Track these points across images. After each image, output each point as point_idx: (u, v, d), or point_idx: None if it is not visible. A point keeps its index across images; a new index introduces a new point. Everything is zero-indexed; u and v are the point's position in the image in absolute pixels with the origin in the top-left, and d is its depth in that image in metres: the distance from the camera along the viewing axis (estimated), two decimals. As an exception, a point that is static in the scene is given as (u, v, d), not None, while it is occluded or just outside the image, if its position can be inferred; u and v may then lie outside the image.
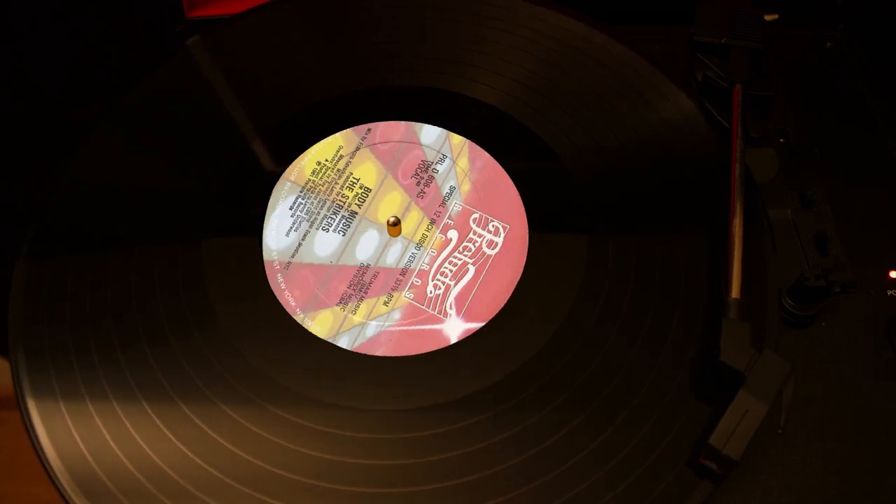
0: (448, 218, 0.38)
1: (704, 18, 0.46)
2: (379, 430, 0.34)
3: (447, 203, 0.38)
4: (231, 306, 0.37)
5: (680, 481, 0.33)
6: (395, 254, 0.38)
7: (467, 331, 0.36)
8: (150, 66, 0.46)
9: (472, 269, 0.36)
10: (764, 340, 0.35)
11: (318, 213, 0.38)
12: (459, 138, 0.39)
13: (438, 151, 0.38)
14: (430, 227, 0.38)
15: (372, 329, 0.36)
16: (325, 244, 0.38)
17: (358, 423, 0.34)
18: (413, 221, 0.39)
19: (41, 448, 0.34)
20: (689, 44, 0.45)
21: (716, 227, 0.39)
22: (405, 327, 0.36)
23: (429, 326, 0.36)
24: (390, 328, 0.36)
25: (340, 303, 0.37)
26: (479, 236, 0.37)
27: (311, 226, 0.38)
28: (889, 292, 0.40)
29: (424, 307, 0.36)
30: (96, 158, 0.42)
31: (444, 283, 0.37)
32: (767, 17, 0.50)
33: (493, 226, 0.37)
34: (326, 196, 0.39)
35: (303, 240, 0.38)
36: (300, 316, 0.37)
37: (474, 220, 0.37)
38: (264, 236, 0.38)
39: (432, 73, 0.45)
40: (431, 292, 0.37)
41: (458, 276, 0.37)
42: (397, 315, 0.37)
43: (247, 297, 0.38)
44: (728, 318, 0.34)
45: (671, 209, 0.40)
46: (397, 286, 0.37)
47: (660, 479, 0.33)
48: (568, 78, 0.44)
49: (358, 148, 0.39)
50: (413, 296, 0.37)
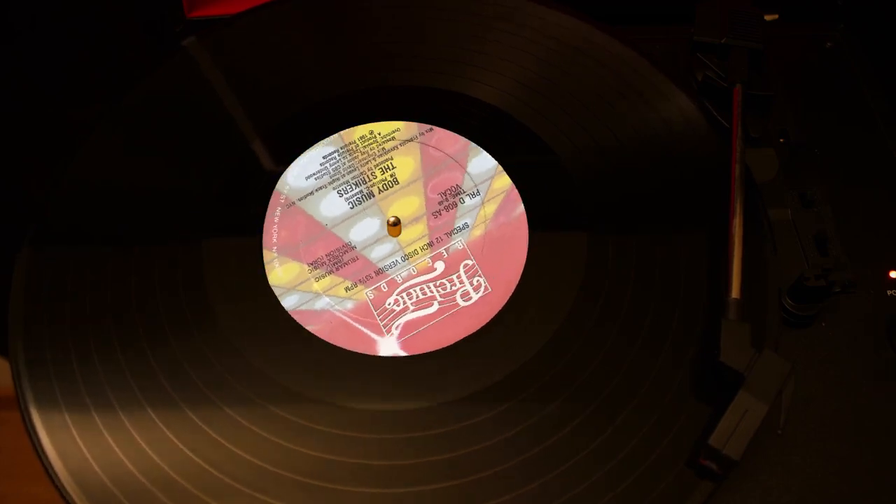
0: (445, 249, 0.37)
1: (704, 18, 0.46)
2: (378, 430, 0.34)
3: (453, 236, 0.38)
4: (231, 306, 0.37)
5: (680, 481, 0.33)
6: (382, 251, 0.38)
7: (396, 355, 0.35)
8: (150, 66, 0.46)
9: (435, 306, 0.36)
10: (764, 340, 0.35)
11: (343, 175, 0.39)
12: (504, 183, 0.38)
13: (476, 185, 0.38)
14: (425, 247, 0.38)
15: (321, 304, 0.36)
16: (331, 206, 0.39)
17: (358, 424, 0.34)
18: (414, 233, 0.39)
19: (41, 448, 0.34)
20: (689, 44, 0.46)
21: (716, 227, 0.39)
22: (349, 320, 0.36)
23: (368, 332, 0.36)
24: (336, 312, 0.36)
25: (312, 265, 0.37)
26: (461, 283, 0.36)
27: (330, 182, 0.38)
28: (889, 292, 0.40)
29: (376, 313, 0.36)
30: (96, 158, 0.42)
31: (404, 303, 0.37)
32: (767, 17, 0.50)
33: (477, 280, 0.36)
34: (359, 165, 0.38)
35: (316, 191, 0.38)
36: (273, 254, 0.37)
37: (465, 265, 0.37)
38: (289, 169, 0.39)
39: (432, 73, 0.45)
40: (390, 304, 0.36)
41: (420, 304, 0.37)
42: (349, 305, 0.36)
43: (247, 297, 0.38)
44: (728, 318, 0.34)
45: (671, 209, 0.40)
46: (365, 280, 0.37)
47: (660, 479, 0.33)
48: (568, 78, 0.44)
49: (411, 140, 0.39)
50: (373, 297, 0.37)
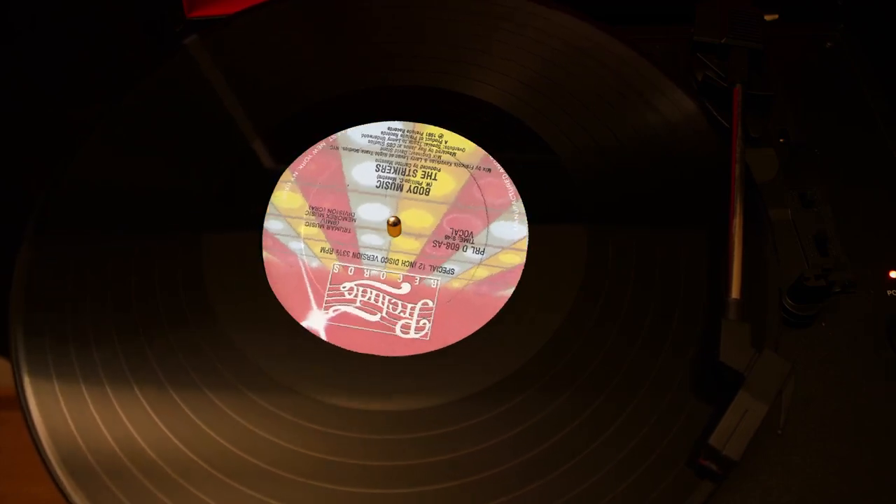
0: (420, 278, 0.37)
1: (704, 18, 0.46)
2: (378, 430, 0.34)
3: (434, 272, 0.37)
4: (231, 306, 0.37)
5: (680, 481, 0.33)
6: (371, 240, 0.39)
7: (311, 329, 0.36)
8: (150, 66, 0.46)
9: (377, 317, 0.36)
10: (764, 340, 0.35)
11: (392, 155, 0.39)
12: (511, 260, 0.37)
13: (486, 245, 0.37)
14: (406, 263, 0.38)
15: (296, 246, 0.38)
16: (363, 173, 0.39)
17: (358, 424, 0.34)
18: (407, 245, 0.39)
19: (42, 447, 0.34)
20: (689, 44, 0.45)
21: (716, 227, 0.39)
22: (305, 276, 0.37)
23: (310, 295, 0.37)
24: (300, 262, 0.37)
25: (312, 209, 0.39)
26: (409, 315, 0.36)
27: (378, 153, 0.38)
28: (889, 292, 0.40)
29: (329, 286, 0.37)
30: (96, 158, 0.42)
31: (355, 295, 0.37)
32: (767, 17, 0.50)
33: (424, 323, 0.36)
34: (410, 156, 0.38)
35: (362, 152, 0.39)
36: (291, 178, 0.38)
37: (424, 304, 0.36)
38: (357, 128, 0.39)
39: (432, 73, 0.45)
40: (345, 287, 0.37)
41: (366, 306, 0.37)
42: (314, 264, 0.37)
43: (247, 296, 0.38)
44: (728, 318, 0.34)
45: (671, 209, 0.40)
46: (342, 254, 0.38)
47: (660, 479, 0.33)
48: (568, 78, 0.44)
49: (466, 166, 0.38)
50: (336, 272, 0.37)
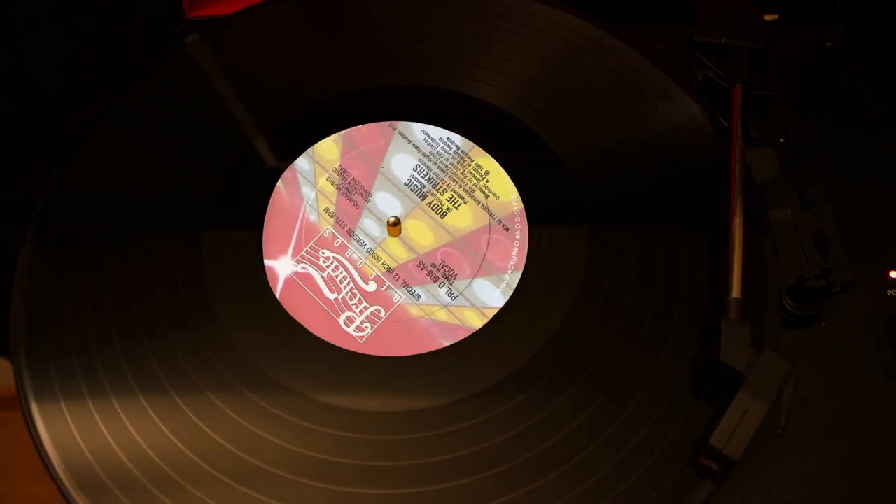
0: (388, 287, 0.38)
1: (704, 18, 0.46)
2: (378, 430, 0.34)
3: (401, 290, 0.38)
4: (231, 306, 0.37)
5: (680, 481, 0.33)
6: (370, 227, 0.40)
7: (274, 272, 0.39)
8: (150, 66, 0.46)
9: (332, 296, 0.38)
10: (764, 340, 0.35)
11: (434, 164, 0.40)
12: (474, 320, 0.37)
13: (462, 294, 0.38)
14: (385, 266, 0.39)
15: (308, 193, 0.41)
16: (401, 164, 0.40)
17: (357, 424, 0.34)
18: (396, 251, 0.39)
19: (42, 447, 0.34)
20: (689, 44, 0.46)
21: (716, 227, 0.39)
22: (298, 225, 0.40)
23: (291, 245, 0.40)
24: (303, 211, 0.40)
25: (339, 169, 0.41)
26: (359, 313, 0.38)
27: (424, 156, 0.39)
28: (889, 292, 0.41)
29: (312, 244, 0.40)
30: (96, 158, 0.42)
31: (328, 267, 0.39)
32: (767, 17, 0.50)
33: (367, 325, 0.37)
34: (450, 175, 0.39)
35: (412, 145, 0.40)
36: (341, 135, 0.41)
37: (377, 310, 0.38)
38: (421, 124, 0.40)
39: (432, 73, 0.45)
40: (324, 254, 0.39)
41: (330, 282, 0.39)
42: (313, 217, 0.41)
43: (247, 296, 0.38)
44: (728, 318, 0.34)
45: (671, 209, 0.40)
46: (340, 224, 0.40)
47: (660, 479, 0.33)
48: (568, 77, 0.44)
49: (490, 213, 0.39)
50: (326, 236, 0.40)
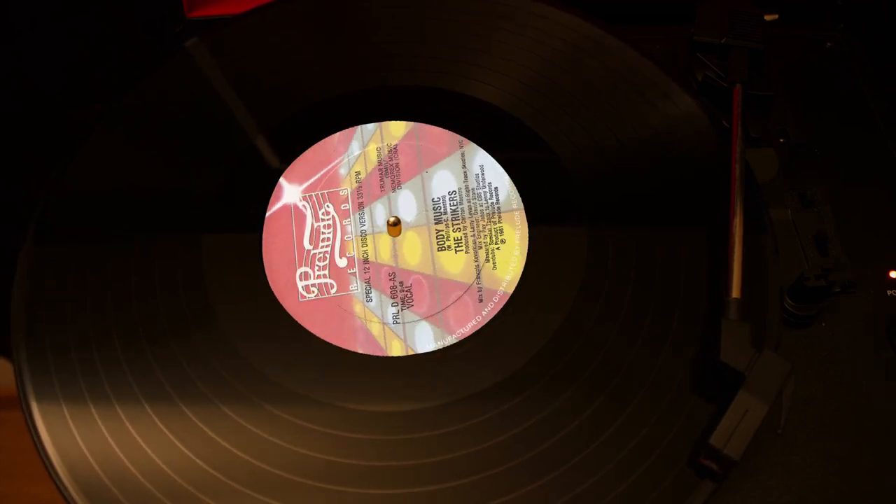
0: (350, 274, 0.39)
1: (704, 18, 0.46)
2: (378, 431, 0.34)
3: (361, 284, 0.39)
4: (231, 306, 0.38)
5: (680, 481, 0.33)
6: (378, 211, 0.42)
7: (285, 189, 0.42)
8: (150, 66, 0.46)
9: (307, 242, 0.40)
10: (764, 340, 0.35)
11: (469, 201, 0.41)
12: (396, 352, 0.38)
13: (403, 324, 0.38)
14: (364, 255, 0.40)
15: (354, 148, 0.43)
16: (442, 181, 0.42)
17: (357, 424, 0.34)
18: (382, 250, 0.40)
19: (43, 447, 0.34)
20: (689, 44, 0.46)
21: (716, 227, 0.39)
22: (331, 170, 0.42)
23: (316, 177, 0.42)
24: (342, 161, 0.43)
25: (394, 148, 0.43)
26: (317, 271, 0.39)
27: (466, 188, 0.41)
28: (889, 292, 0.40)
29: (329, 189, 0.42)
30: (96, 158, 0.42)
31: (324, 212, 0.41)
32: (767, 17, 0.50)
33: (314, 290, 0.39)
34: (471, 221, 0.41)
35: (464, 169, 0.42)
36: (401, 122, 0.43)
37: (329, 283, 0.39)
38: (487, 155, 0.42)
39: (432, 73, 0.45)
40: (328, 206, 0.41)
41: (316, 229, 0.41)
42: (342, 171, 0.42)
43: (247, 297, 0.38)
44: (728, 318, 0.34)
45: (671, 209, 0.40)
46: (359, 192, 0.42)
47: (660, 479, 0.33)
48: (568, 77, 0.44)
49: (478, 279, 0.39)
50: (342, 194, 0.42)
